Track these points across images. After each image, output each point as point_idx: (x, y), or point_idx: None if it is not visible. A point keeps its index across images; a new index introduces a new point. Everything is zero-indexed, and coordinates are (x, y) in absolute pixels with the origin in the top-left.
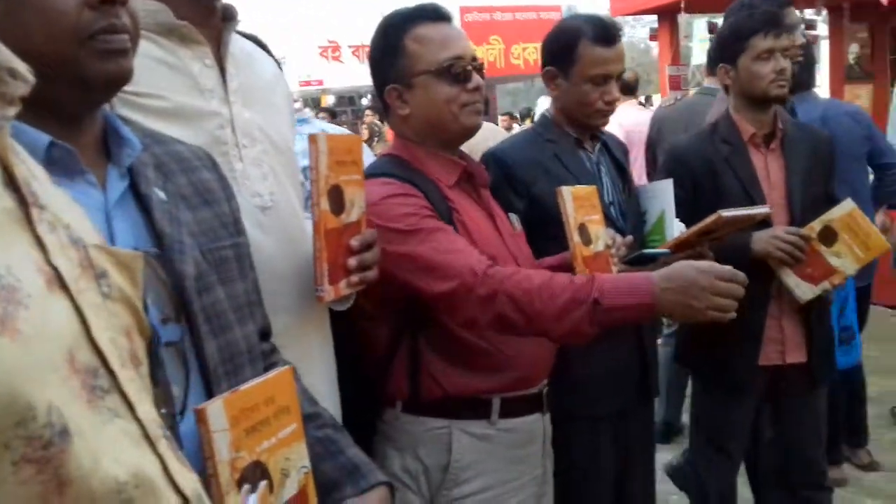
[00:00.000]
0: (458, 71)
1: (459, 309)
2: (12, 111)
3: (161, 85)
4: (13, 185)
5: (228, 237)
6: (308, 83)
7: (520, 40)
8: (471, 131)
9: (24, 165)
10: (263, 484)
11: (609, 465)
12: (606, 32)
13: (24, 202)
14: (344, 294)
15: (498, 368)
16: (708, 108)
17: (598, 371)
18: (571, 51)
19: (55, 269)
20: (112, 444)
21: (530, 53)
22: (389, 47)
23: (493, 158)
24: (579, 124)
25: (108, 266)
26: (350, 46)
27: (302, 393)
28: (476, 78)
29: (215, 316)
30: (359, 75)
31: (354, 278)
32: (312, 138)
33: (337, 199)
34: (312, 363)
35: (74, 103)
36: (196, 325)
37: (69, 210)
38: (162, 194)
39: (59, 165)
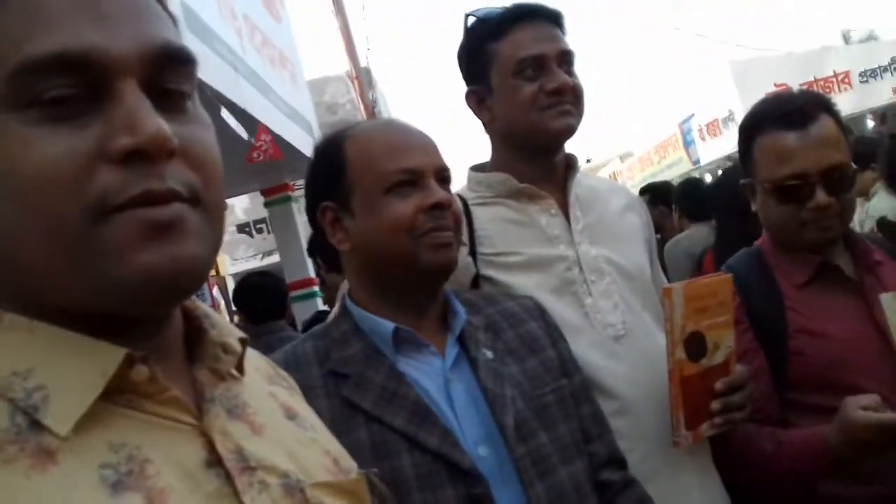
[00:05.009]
0: None
1: None
2: (223, 387)
3: (514, 241)
4: (219, 462)
5: (552, 381)
6: None
7: None
8: None
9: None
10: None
11: None
12: None
13: (229, 476)
14: (706, 436)
15: None
16: None
17: None
18: None
19: None
20: None
21: None
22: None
23: None
24: None
25: (327, 498)
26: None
27: None
28: None
29: (540, 460)
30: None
31: (718, 420)
32: (666, 292)
33: (696, 345)
34: (689, 493)
35: (414, 292)
36: (522, 469)
37: (300, 442)
38: (489, 353)
39: (407, 343)
